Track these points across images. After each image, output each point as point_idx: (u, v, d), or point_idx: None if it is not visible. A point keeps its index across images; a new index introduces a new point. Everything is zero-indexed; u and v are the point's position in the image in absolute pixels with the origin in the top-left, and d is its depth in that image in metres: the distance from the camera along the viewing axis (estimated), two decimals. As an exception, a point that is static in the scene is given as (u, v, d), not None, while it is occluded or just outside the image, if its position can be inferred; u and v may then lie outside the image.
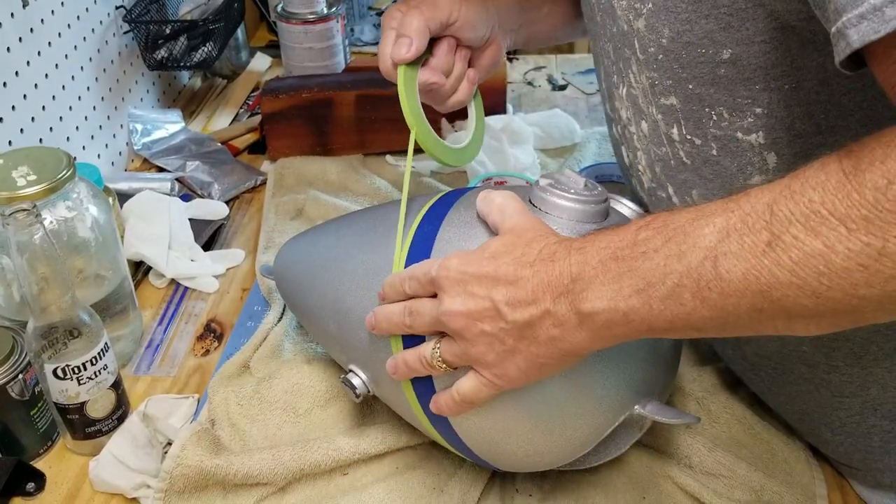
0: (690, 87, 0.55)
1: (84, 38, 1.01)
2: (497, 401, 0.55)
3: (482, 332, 0.51)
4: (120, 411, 0.69)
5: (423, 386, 0.58)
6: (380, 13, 1.52)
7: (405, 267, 0.59)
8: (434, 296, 0.54)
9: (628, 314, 0.46)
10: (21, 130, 0.87)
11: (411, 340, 0.57)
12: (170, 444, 0.69)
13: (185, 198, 1.00)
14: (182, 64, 1.14)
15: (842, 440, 0.63)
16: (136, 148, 1.10)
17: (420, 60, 0.71)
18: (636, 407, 0.56)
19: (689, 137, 0.57)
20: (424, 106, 0.72)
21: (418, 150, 0.72)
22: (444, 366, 0.54)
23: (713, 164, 0.57)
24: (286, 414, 0.71)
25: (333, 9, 1.19)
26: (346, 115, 1.05)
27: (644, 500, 0.63)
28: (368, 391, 0.64)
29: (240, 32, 1.29)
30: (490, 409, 0.56)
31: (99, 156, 1.04)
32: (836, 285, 0.39)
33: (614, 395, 0.55)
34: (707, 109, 0.55)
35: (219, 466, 0.64)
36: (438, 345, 0.54)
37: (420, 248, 0.59)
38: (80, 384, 0.65)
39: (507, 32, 0.78)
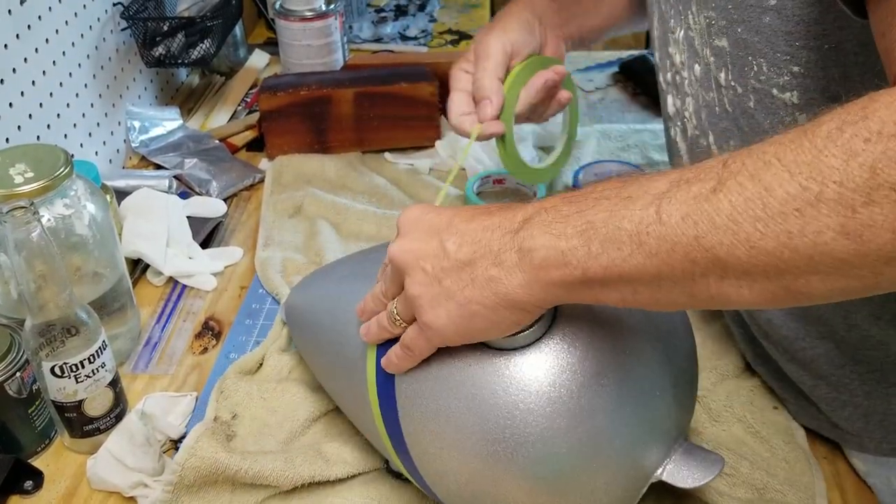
0: (739, 30, 0.56)
1: (81, 34, 1.00)
2: (482, 462, 0.50)
3: (422, 269, 0.50)
4: (118, 409, 0.69)
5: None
6: (378, 10, 1.52)
7: None
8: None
9: (566, 253, 0.44)
10: (18, 128, 0.86)
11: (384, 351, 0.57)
12: (171, 440, 0.69)
13: (183, 195, 1.00)
14: (180, 61, 1.14)
15: (846, 399, 0.63)
16: (133, 145, 1.10)
17: None
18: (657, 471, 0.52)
19: (732, 84, 0.58)
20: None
21: (416, 148, 0.73)
22: (399, 319, 0.53)
23: (749, 117, 0.58)
24: (305, 406, 0.71)
25: (332, 6, 1.18)
26: (345, 113, 1.05)
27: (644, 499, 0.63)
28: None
29: (238, 29, 1.28)
30: (477, 475, 0.51)
31: (97, 153, 1.04)
32: (770, 232, 0.38)
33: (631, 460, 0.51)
34: (750, 58, 0.56)
35: (231, 461, 0.63)
36: (397, 301, 0.54)
37: None
38: (77, 382, 0.65)
39: (556, 34, 0.83)
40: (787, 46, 0.53)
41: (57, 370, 0.64)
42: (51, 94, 0.93)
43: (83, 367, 0.65)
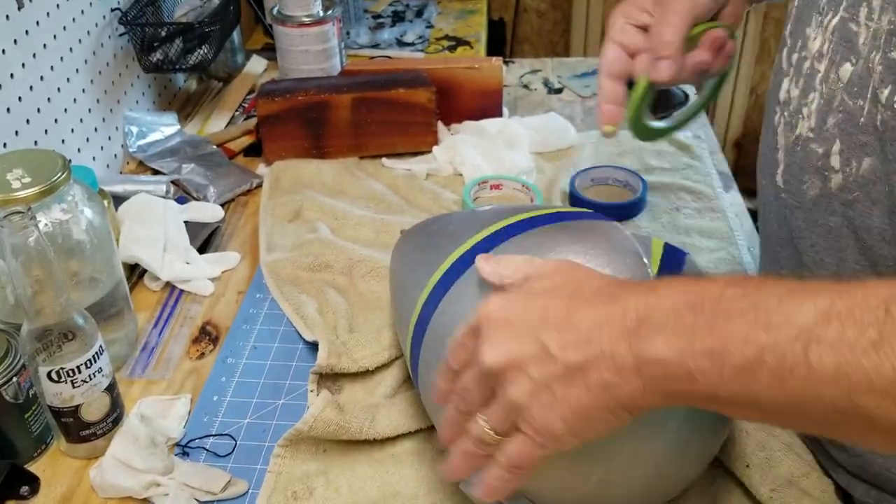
0: None
1: (80, 40, 1.00)
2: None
3: (528, 378, 0.45)
4: (115, 414, 0.69)
5: None
6: (376, 16, 1.52)
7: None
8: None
9: (694, 373, 0.40)
10: (16, 133, 0.87)
11: None
12: (175, 443, 0.69)
13: (181, 200, 1.00)
14: (178, 66, 1.14)
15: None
16: (131, 150, 1.10)
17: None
18: None
19: (894, 105, 0.50)
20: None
21: (413, 154, 0.71)
22: (494, 433, 0.47)
23: None
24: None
25: (329, 12, 1.19)
26: (342, 118, 1.05)
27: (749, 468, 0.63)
28: None
29: (235, 35, 1.29)
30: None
31: (94, 158, 1.04)
32: None
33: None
34: None
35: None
36: (484, 414, 0.47)
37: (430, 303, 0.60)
38: (74, 387, 0.65)
39: None
40: None
41: (53, 375, 0.64)
42: (48, 99, 0.93)
43: (80, 371, 0.65)
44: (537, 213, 0.64)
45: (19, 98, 0.87)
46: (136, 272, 0.89)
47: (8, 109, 0.85)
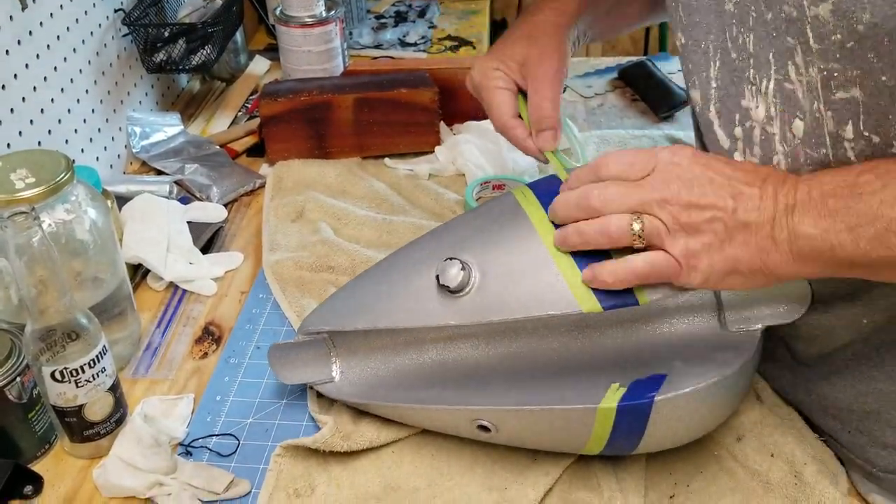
0: (884, 78, 0.50)
1: (83, 40, 1.01)
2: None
3: (703, 218, 0.55)
4: (118, 414, 0.69)
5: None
6: (378, 16, 1.52)
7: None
8: None
9: (835, 248, 0.51)
10: (20, 133, 0.87)
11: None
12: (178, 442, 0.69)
13: (184, 200, 1.00)
14: (181, 67, 1.14)
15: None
16: (134, 151, 1.10)
17: None
18: None
19: (866, 134, 0.53)
20: None
21: (416, 154, 0.72)
22: (640, 238, 0.57)
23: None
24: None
25: (332, 12, 1.19)
26: (345, 118, 1.05)
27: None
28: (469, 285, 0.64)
29: (238, 35, 1.29)
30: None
31: (97, 158, 1.04)
32: None
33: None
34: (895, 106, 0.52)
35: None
36: (639, 217, 0.56)
37: None
38: (77, 387, 0.65)
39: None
40: None
41: (57, 375, 0.64)
42: (52, 99, 0.93)
43: (83, 371, 0.65)
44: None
45: (23, 98, 0.87)
46: (139, 272, 0.89)
47: (11, 110, 0.85)
